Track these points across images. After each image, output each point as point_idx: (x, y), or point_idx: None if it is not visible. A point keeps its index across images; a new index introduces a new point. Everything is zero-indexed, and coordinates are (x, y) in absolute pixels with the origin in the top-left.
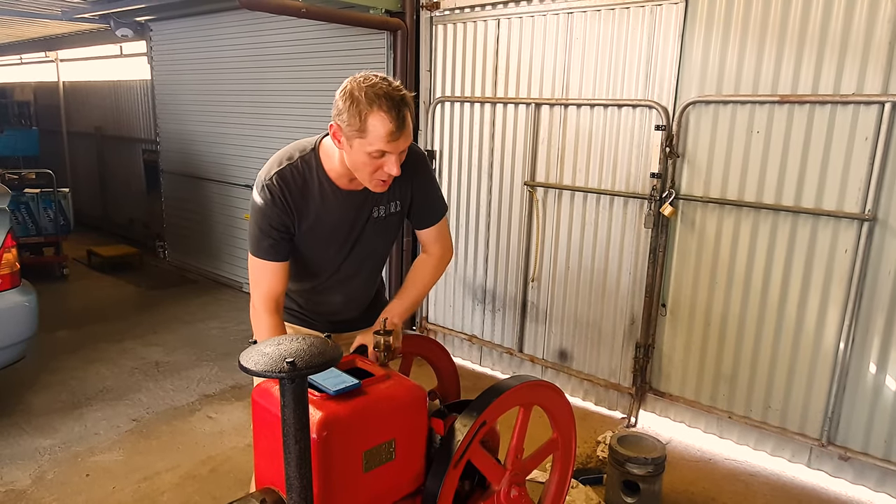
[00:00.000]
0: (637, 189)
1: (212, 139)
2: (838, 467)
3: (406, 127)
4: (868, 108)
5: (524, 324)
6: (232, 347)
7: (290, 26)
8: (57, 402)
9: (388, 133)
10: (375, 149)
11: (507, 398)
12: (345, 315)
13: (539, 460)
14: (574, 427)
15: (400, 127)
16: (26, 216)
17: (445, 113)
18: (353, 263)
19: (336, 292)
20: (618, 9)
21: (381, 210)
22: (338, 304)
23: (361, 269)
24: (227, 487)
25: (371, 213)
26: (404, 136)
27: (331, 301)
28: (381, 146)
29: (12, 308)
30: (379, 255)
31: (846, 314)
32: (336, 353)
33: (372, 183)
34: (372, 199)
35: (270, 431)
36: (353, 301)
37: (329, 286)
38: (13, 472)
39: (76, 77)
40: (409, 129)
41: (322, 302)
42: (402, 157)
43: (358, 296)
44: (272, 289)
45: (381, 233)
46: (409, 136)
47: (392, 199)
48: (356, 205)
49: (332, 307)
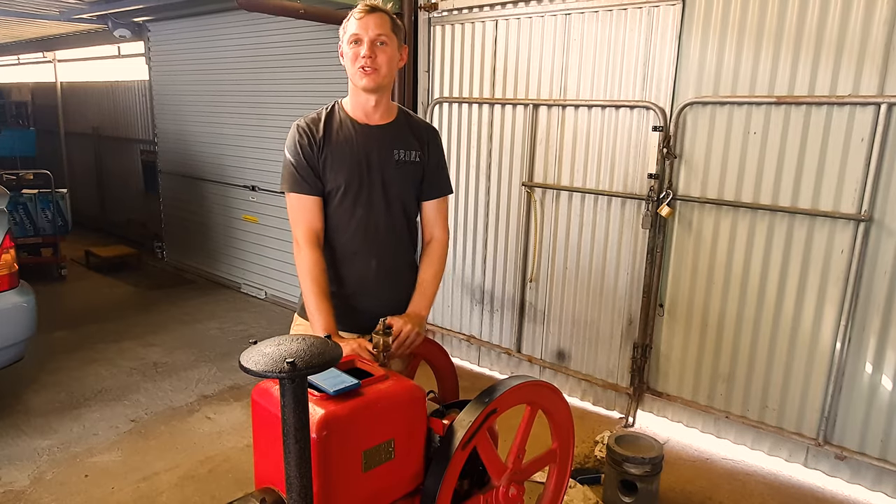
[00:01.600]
0: (634, 190)
1: (210, 140)
2: (835, 466)
3: (373, 14)
4: (864, 109)
5: (522, 324)
6: (230, 348)
7: (288, 27)
8: (55, 403)
9: (357, 15)
10: (350, 33)
11: (515, 392)
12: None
13: (537, 468)
14: (573, 428)
15: (368, 10)
16: (24, 217)
17: (444, 114)
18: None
19: (369, 253)
20: (615, 10)
21: (402, 154)
22: (372, 271)
23: (392, 221)
24: (225, 487)
25: (392, 154)
26: (373, 20)
27: (365, 268)
28: (353, 29)
29: (11, 309)
30: (407, 207)
31: (842, 314)
32: (336, 354)
33: (357, 75)
34: (391, 139)
35: (270, 431)
36: (385, 268)
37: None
38: (12, 472)
39: (74, 77)
40: (379, 18)
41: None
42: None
43: (390, 263)
44: (310, 223)
45: (404, 178)
46: (381, 25)
47: (411, 147)
48: (376, 138)
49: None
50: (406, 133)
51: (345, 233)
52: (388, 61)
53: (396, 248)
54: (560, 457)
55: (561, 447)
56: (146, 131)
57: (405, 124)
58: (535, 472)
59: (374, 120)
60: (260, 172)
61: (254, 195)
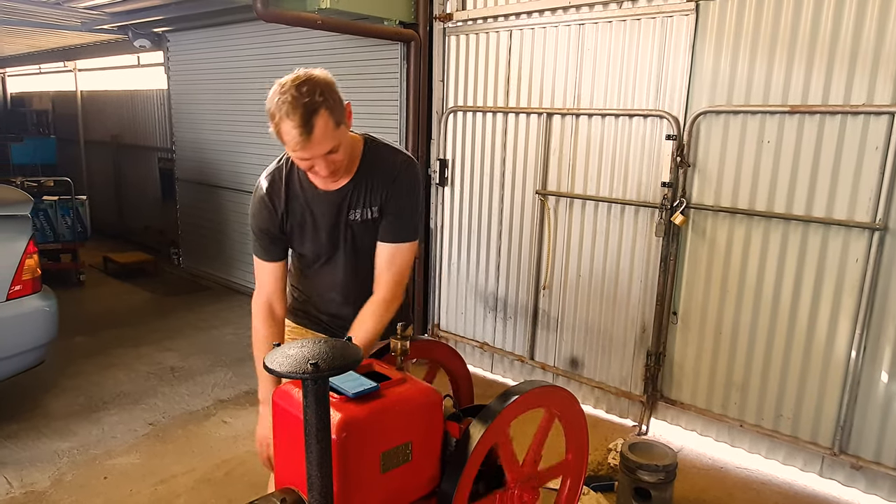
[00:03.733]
0: (648, 198)
1: (226, 148)
2: (850, 476)
3: (313, 132)
4: (878, 119)
5: (535, 331)
6: (246, 353)
7: (304, 37)
8: (75, 406)
9: (295, 142)
10: (295, 156)
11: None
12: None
13: (549, 478)
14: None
15: (305, 133)
16: (45, 223)
17: (458, 122)
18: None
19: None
20: (629, 20)
21: (357, 214)
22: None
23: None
24: (241, 491)
25: (351, 214)
26: (315, 141)
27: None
28: (296, 154)
29: (33, 312)
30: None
31: (857, 323)
32: (357, 356)
33: (317, 181)
34: (347, 202)
35: (291, 433)
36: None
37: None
38: (33, 474)
39: (94, 86)
40: (321, 134)
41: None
42: (333, 159)
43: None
44: (266, 288)
45: (365, 234)
46: (323, 141)
47: (369, 203)
48: (335, 203)
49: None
50: (363, 190)
51: (313, 277)
52: (345, 155)
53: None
54: (574, 464)
55: (575, 455)
56: (164, 140)
57: (366, 177)
58: (546, 481)
59: (331, 187)
60: None
61: None
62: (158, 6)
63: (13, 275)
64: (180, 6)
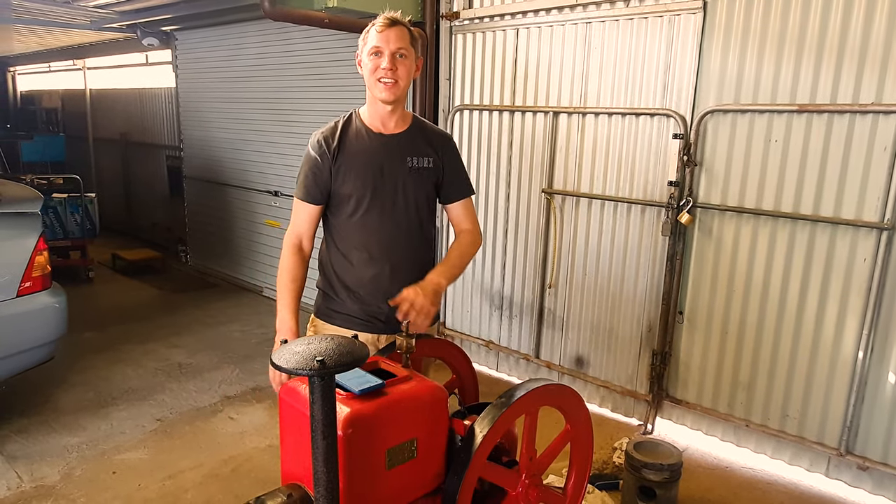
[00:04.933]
0: (654, 197)
1: (234, 146)
2: (857, 477)
3: (395, 25)
4: (887, 118)
5: (541, 330)
6: (253, 350)
7: (312, 35)
8: (84, 401)
9: (378, 28)
10: (371, 45)
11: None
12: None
13: (554, 454)
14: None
15: (389, 24)
16: (54, 220)
17: (464, 121)
18: (395, 212)
19: (383, 258)
20: (636, 19)
21: (415, 161)
22: (385, 275)
23: (406, 226)
24: (248, 486)
25: (406, 161)
26: (394, 33)
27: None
28: (374, 42)
29: (44, 309)
30: (420, 210)
31: (865, 323)
32: (363, 353)
33: (377, 87)
34: (404, 146)
35: (297, 429)
36: (399, 271)
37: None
38: (42, 468)
39: (103, 84)
40: (399, 31)
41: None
42: (396, 62)
43: (404, 266)
44: (299, 228)
45: (417, 183)
46: (400, 39)
47: (424, 153)
48: (390, 146)
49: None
50: (419, 141)
51: (359, 238)
52: (407, 73)
53: (410, 251)
54: (578, 462)
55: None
56: (172, 137)
57: (419, 133)
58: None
59: (389, 129)
60: (282, 178)
61: (276, 200)
62: (167, 5)
63: (24, 271)
64: (188, 5)
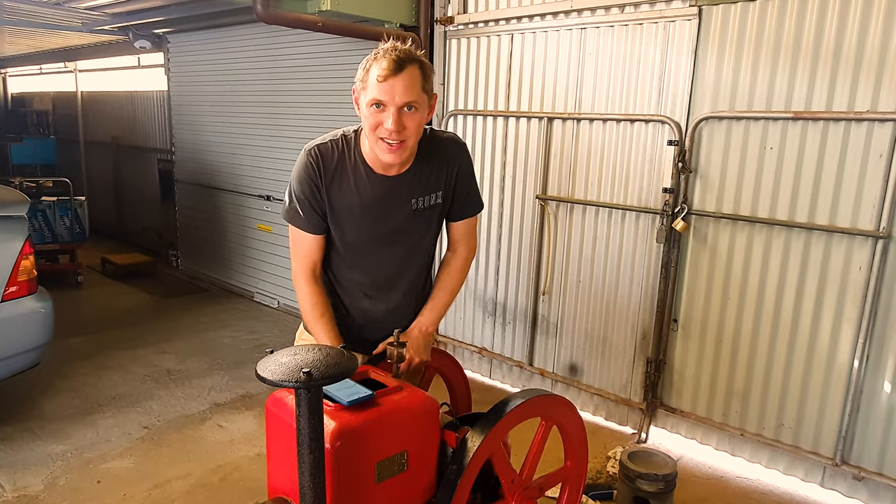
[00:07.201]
0: (649, 204)
1: (226, 150)
2: (852, 487)
3: (403, 71)
4: (882, 126)
5: (535, 337)
6: (243, 356)
7: (305, 39)
8: (70, 409)
9: (380, 76)
10: (371, 97)
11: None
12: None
13: (549, 486)
14: (586, 444)
15: (393, 70)
16: (43, 224)
17: (458, 126)
18: (394, 257)
19: (377, 297)
20: (631, 25)
21: (421, 202)
22: (379, 311)
23: (405, 268)
24: (236, 496)
25: (410, 203)
26: (400, 82)
27: (372, 307)
28: (374, 93)
29: (29, 314)
30: (423, 250)
31: (860, 332)
32: (351, 364)
33: (378, 146)
34: (412, 187)
35: (284, 441)
36: (393, 307)
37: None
38: (26, 477)
39: (94, 87)
40: (408, 78)
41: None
42: (404, 117)
43: (399, 303)
44: (310, 257)
45: (422, 225)
46: (407, 89)
47: (432, 189)
48: (394, 190)
49: (373, 315)
50: (428, 173)
51: (352, 275)
52: (417, 127)
53: (408, 284)
54: (573, 473)
55: (574, 463)
56: (163, 141)
57: (428, 159)
58: (548, 488)
59: (391, 171)
60: (274, 182)
61: (268, 205)
62: (159, 7)
63: (8, 276)
64: (181, 7)
